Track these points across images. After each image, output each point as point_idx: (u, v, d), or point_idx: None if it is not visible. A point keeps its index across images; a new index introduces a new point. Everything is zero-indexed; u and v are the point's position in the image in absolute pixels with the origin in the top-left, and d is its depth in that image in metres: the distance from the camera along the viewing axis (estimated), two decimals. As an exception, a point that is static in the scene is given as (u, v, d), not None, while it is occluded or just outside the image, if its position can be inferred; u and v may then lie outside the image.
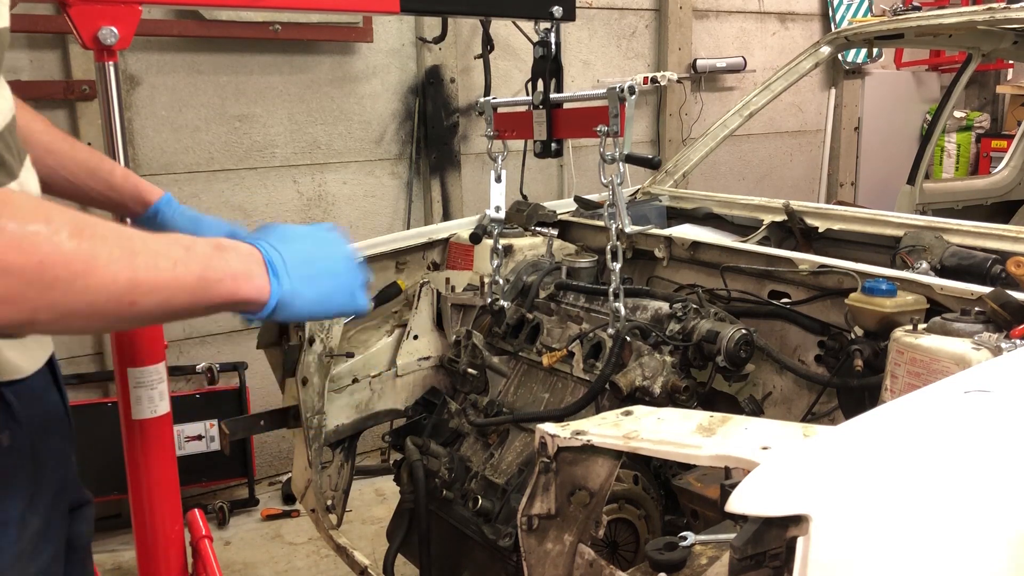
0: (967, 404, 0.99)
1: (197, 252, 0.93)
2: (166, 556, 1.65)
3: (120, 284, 0.84)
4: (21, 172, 1.05)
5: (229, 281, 0.94)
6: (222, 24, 3.41)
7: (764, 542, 0.82)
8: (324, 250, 1.09)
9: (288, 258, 1.02)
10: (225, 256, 0.95)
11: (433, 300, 2.38)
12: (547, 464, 1.14)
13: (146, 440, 1.60)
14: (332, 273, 1.08)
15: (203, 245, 0.95)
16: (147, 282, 0.87)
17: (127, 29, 1.47)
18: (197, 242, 0.95)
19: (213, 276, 0.93)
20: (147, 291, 0.87)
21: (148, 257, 0.87)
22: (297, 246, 1.05)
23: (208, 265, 0.93)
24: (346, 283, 1.10)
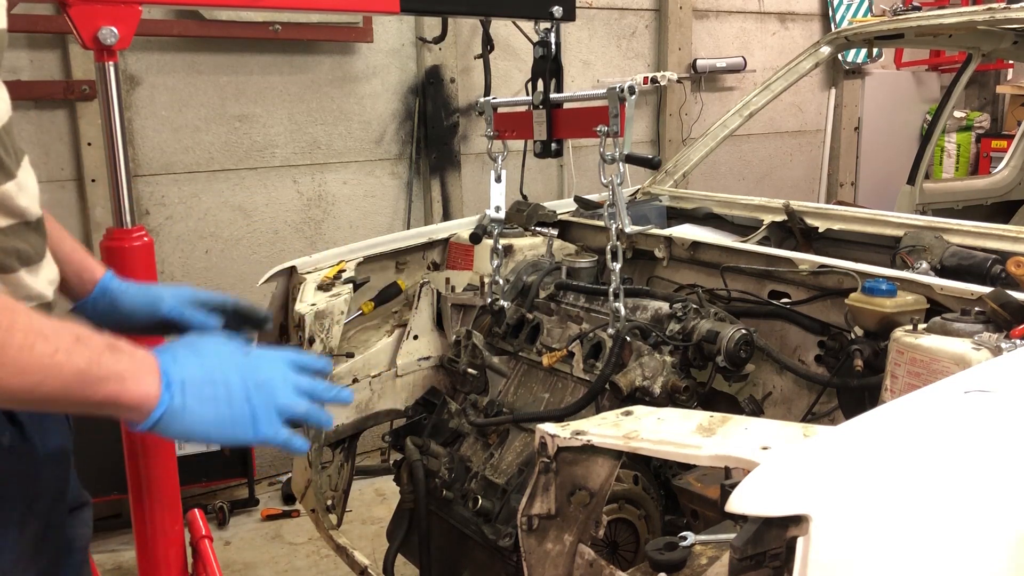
0: (967, 404, 0.99)
1: (87, 345, 0.90)
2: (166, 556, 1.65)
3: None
4: (19, 172, 1.05)
5: (113, 382, 0.91)
6: (222, 24, 3.41)
7: (764, 542, 0.82)
8: (236, 373, 1.02)
9: (187, 375, 0.97)
10: (117, 356, 0.92)
11: (433, 300, 2.39)
12: (547, 464, 1.14)
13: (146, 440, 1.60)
14: (237, 399, 1.00)
15: (98, 341, 0.91)
16: (16, 362, 0.83)
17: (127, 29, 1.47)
18: (93, 337, 0.91)
19: (96, 373, 0.89)
20: (14, 371, 0.84)
21: (27, 337, 0.84)
22: (206, 362, 1.00)
23: (94, 360, 0.89)
24: (249, 412, 1.01)
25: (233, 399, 1.00)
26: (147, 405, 0.93)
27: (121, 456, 1.62)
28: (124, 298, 1.34)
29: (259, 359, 1.05)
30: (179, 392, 0.96)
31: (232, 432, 1.00)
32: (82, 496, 1.26)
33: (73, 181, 3.31)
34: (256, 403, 1.01)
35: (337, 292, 2.17)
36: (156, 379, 0.94)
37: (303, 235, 3.85)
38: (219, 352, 1.03)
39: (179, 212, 3.54)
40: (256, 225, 3.74)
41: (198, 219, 3.59)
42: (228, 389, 1.00)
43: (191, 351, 1.01)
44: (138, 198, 3.41)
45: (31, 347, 0.84)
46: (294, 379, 1.07)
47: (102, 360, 0.90)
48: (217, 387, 0.99)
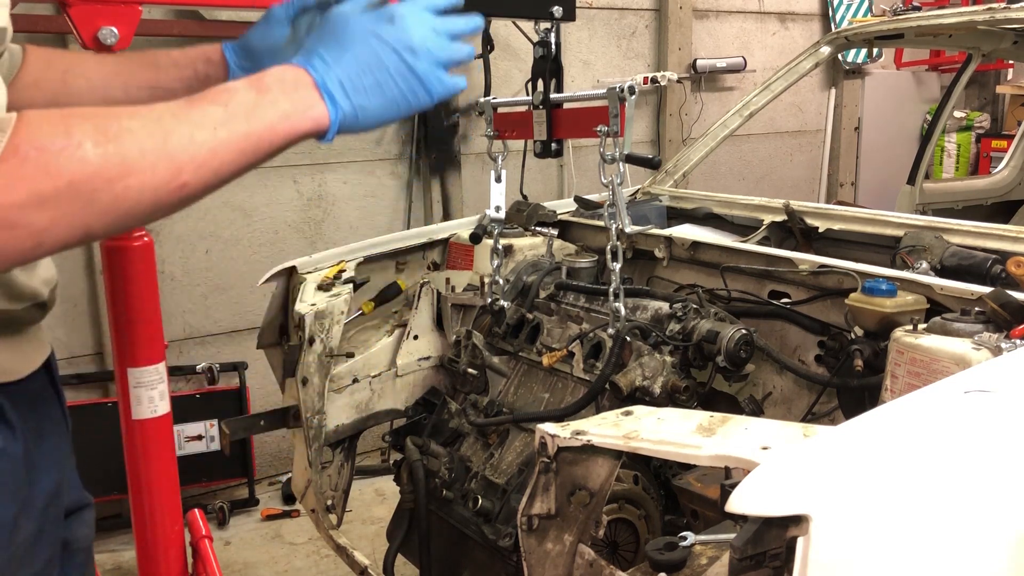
0: (967, 404, 0.99)
1: (237, 105, 0.89)
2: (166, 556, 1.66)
3: (162, 174, 0.82)
4: None
5: (282, 124, 0.91)
6: (222, 24, 3.42)
7: (764, 542, 0.82)
8: (385, 47, 0.99)
9: (343, 73, 0.96)
10: (270, 98, 0.91)
11: (433, 300, 2.38)
12: (547, 464, 1.14)
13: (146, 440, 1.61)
14: (402, 75, 0.99)
15: (243, 93, 0.90)
16: (190, 160, 0.84)
17: (127, 29, 1.47)
18: (236, 92, 0.90)
19: (262, 126, 0.89)
20: (194, 169, 0.84)
21: (183, 133, 0.84)
22: (354, 52, 0.98)
23: (253, 116, 0.89)
24: (417, 81, 1.00)
25: (398, 76, 0.99)
26: (321, 125, 0.94)
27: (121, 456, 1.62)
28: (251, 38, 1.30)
29: (403, 20, 1.02)
30: (343, 98, 0.95)
31: (410, 104, 1.01)
32: (83, 497, 1.26)
33: (73, 181, 3.30)
34: (420, 70, 1.01)
35: (337, 292, 2.17)
36: (317, 96, 0.94)
37: (303, 235, 3.85)
38: (361, 31, 1.00)
39: (179, 212, 3.54)
40: (256, 225, 3.74)
41: (198, 219, 3.59)
42: (388, 70, 0.99)
43: (334, 45, 0.98)
44: (138, 198, 3.41)
45: (192, 140, 0.84)
46: (441, 26, 1.05)
47: (258, 112, 0.89)
48: (377, 72, 0.98)
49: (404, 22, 1.02)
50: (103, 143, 0.79)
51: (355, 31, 1.00)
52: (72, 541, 1.19)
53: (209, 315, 3.68)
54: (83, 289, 3.38)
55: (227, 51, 1.31)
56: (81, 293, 3.38)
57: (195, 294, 3.64)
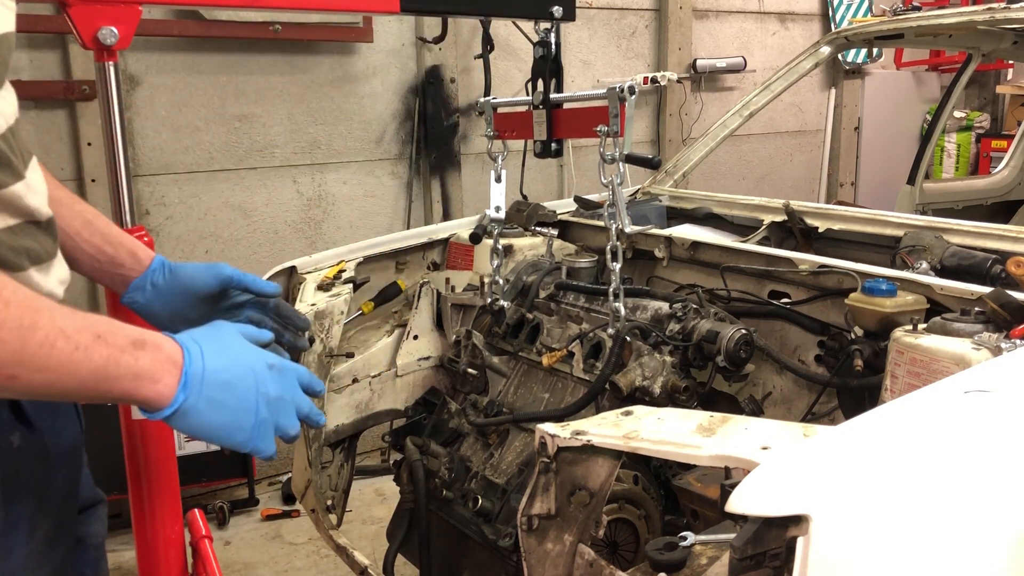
0: (967, 404, 0.99)
1: (108, 343, 0.90)
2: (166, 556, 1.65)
3: (5, 354, 0.82)
4: (27, 173, 1.05)
5: (129, 381, 0.92)
6: (222, 24, 3.41)
7: (764, 542, 0.82)
8: (255, 385, 1.03)
9: (210, 375, 0.99)
10: (138, 355, 0.93)
11: (433, 300, 2.38)
12: (547, 464, 1.14)
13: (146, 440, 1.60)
14: (247, 411, 1.03)
15: (121, 338, 0.92)
16: (35, 360, 0.84)
17: (127, 29, 1.47)
18: (117, 333, 0.92)
19: (113, 372, 0.91)
20: (33, 369, 0.85)
21: (48, 335, 0.85)
22: (232, 366, 1.01)
23: (113, 360, 0.90)
24: (255, 424, 1.04)
25: (244, 410, 1.02)
26: (160, 403, 0.96)
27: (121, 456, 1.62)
28: (183, 268, 1.36)
29: (280, 375, 1.07)
30: (195, 394, 0.97)
31: (229, 438, 1.02)
32: (96, 494, 1.27)
33: (73, 181, 3.30)
34: (262, 418, 1.04)
35: (337, 292, 2.17)
36: (175, 379, 0.96)
37: (303, 235, 3.85)
38: (247, 357, 1.05)
39: (179, 212, 3.54)
40: (256, 225, 3.74)
41: (198, 219, 3.59)
42: (243, 400, 1.02)
43: (221, 348, 1.02)
44: (138, 198, 3.41)
45: (52, 345, 0.85)
46: (299, 401, 1.10)
47: (121, 359, 0.91)
48: (233, 395, 1.01)
49: (279, 376, 1.07)
50: None
51: (242, 353, 1.05)
52: (86, 537, 1.21)
53: (209, 315, 3.68)
54: (83, 289, 3.38)
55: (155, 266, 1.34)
56: (81, 293, 3.38)
57: (195, 294, 3.63)
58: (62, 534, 1.10)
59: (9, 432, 1.01)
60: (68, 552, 1.13)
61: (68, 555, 1.13)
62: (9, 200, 1.00)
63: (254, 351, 1.07)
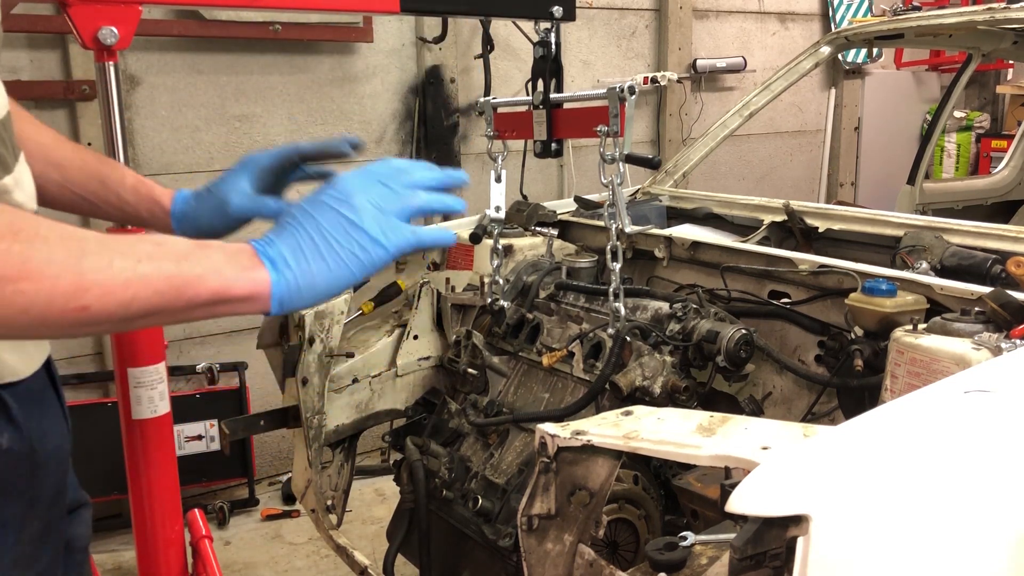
0: (967, 404, 0.99)
1: (171, 246, 0.85)
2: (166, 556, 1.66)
3: (63, 288, 0.77)
4: (16, 166, 1.05)
5: (213, 278, 0.85)
6: (222, 24, 3.41)
7: (764, 542, 0.82)
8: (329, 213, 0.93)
9: (286, 244, 0.91)
10: (207, 252, 0.87)
11: (433, 300, 2.38)
12: (547, 464, 1.14)
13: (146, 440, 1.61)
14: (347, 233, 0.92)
15: (182, 244, 0.86)
16: (99, 283, 0.79)
17: (127, 29, 1.47)
18: (176, 241, 0.87)
19: (190, 272, 0.84)
20: (100, 294, 0.79)
21: (102, 257, 0.80)
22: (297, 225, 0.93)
23: (184, 261, 0.84)
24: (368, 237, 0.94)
25: (340, 235, 0.93)
26: (261, 288, 0.88)
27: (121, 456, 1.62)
28: (199, 218, 1.32)
29: (343, 180, 0.97)
30: (284, 264, 0.90)
31: (363, 263, 0.93)
32: (81, 497, 1.26)
33: (73, 181, 3.30)
34: (368, 223, 0.94)
35: (337, 292, 2.16)
36: (257, 261, 0.89)
37: (303, 235, 3.84)
38: (301, 211, 0.95)
39: (179, 212, 3.54)
40: (256, 225, 3.73)
41: (198, 219, 3.59)
42: (331, 231, 0.92)
43: (276, 229, 0.94)
44: (138, 198, 3.41)
45: (109, 265, 0.80)
46: (396, 179, 0.98)
47: (192, 259, 0.85)
48: (320, 235, 0.92)
49: (344, 181, 0.97)
50: (10, 240, 0.75)
51: (295, 214, 0.95)
52: (72, 540, 1.20)
53: (209, 315, 3.68)
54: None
55: (178, 200, 1.31)
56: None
57: (195, 294, 3.63)
58: (50, 536, 1.09)
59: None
60: (56, 555, 1.12)
61: (55, 558, 1.12)
62: None
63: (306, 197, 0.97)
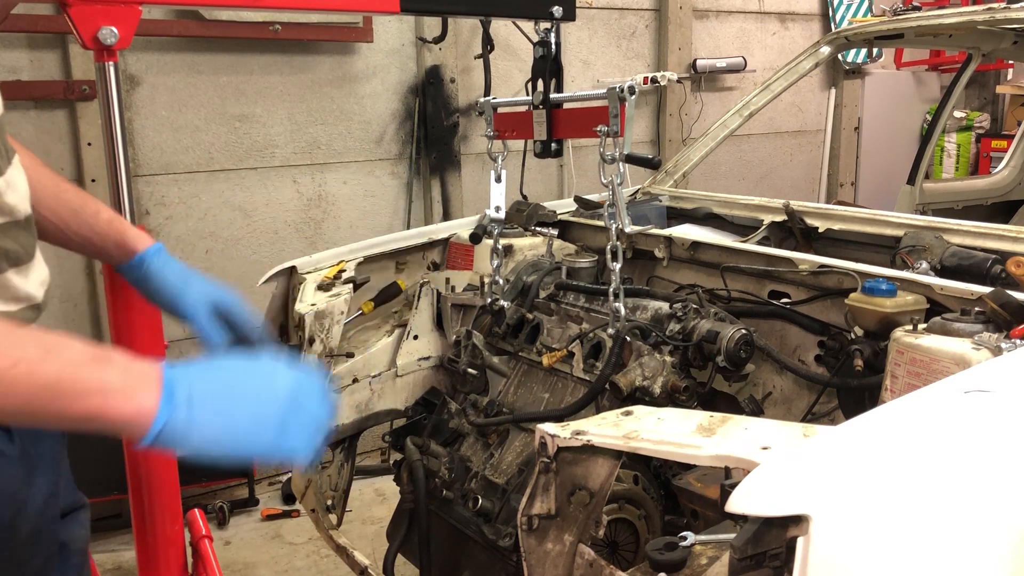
0: (967, 404, 0.99)
1: (60, 357, 0.82)
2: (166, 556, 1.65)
3: None
4: (8, 170, 1.05)
5: (95, 396, 0.82)
6: (222, 24, 3.41)
7: (764, 542, 0.82)
8: (259, 379, 0.92)
9: (201, 384, 0.88)
10: (102, 368, 0.84)
11: (433, 300, 2.38)
12: (547, 464, 1.14)
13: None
14: (259, 405, 0.90)
15: (77, 353, 0.83)
16: None
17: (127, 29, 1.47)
18: (72, 348, 0.83)
19: (69, 387, 0.81)
20: None
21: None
22: (224, 374, 0.91)
23: (68, 374, 0.81)
24: (277, 420, 0.91)
25: (257, 408, 0.91)
26: (142, 420, 0.85)
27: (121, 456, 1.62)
28: (153, 281, 1.35)
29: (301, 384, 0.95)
30: (184, 405, 0.87)
31: (256, 446, 0.91)
32: (78, 499, 1.26)
33: (73, 181, 3.28)
34: (289, 417, 0.92)
35: (337, 292, 2.17)
36: (155, 393, 0.86)
37: (303, 235, 3.85)
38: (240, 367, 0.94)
39: (179, 212, 3.54)
40: (256, 225, 3.73)
41: (198, 219, 3.59)
42: (251, 397, 0.91)
43: (211, 365, 0.93)
44: (138, 198, 3.41)
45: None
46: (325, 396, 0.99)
47: (79, 373, 0.82)
48: (235, 392, 0.90)
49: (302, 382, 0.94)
50: None
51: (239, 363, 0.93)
52: (68, 542, 1.20)
53: (209, 315, 3.68)
54: (83, 289, 3.38)
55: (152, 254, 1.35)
56: (81, 293, 3.38)
57: (195, 294, 3.63)
58: (43, 538, 1.09)
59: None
60: (49, 557, 1.12)
61: (49, 560, 1.12)
62: None
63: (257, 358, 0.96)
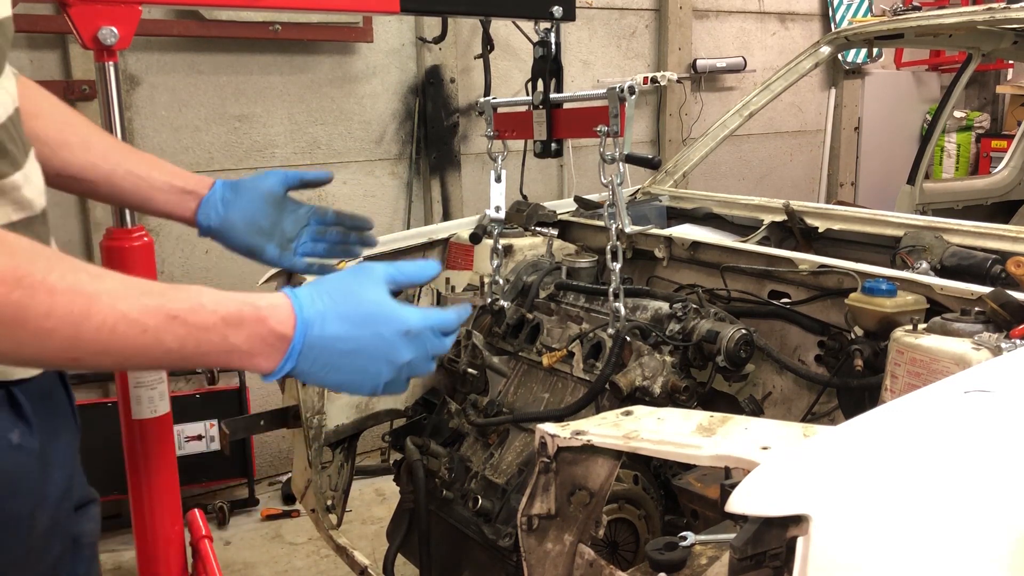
0: (967, 404, 0.99)
1: (187, 323, 0.86)
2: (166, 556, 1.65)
3: (56, 342, 0.80)
4: (26, 164, 1.06)
5: (217, 357, 0.88)
6: (222, 24, 3.42)
7: (764, 542, 0.82)
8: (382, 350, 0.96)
9: (326, 344, 0.93)
10: (229, 333, 0.88)
11: (433, 300, 2.38)
12: (547, 464, 1.14)
13: (146, 440, 1.60)
14: (367, 374, 0.97)
15: (208, 315, 0.87)
16: (95, 344, 0.81)
17: (127, 29, 1.47)
18: (201, 310, 0.87)
19: (193, 352, 0.87)
20: (94, 352, 0.82)
21: (104, 319, 0.81)
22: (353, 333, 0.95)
23: (192, 340, 0.86)
24: (377, 385, 0.99)
25: (365, 375, 0.97)
26: (261, 370, 0.92)
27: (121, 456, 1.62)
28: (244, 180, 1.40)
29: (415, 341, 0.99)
30: (306, 361, 0.93)
31: (352, 391, 0.99)
32: (89, 493, 1.27)
33: (73, 181, 3.30)
34: (389, 379, 0.99)
35: (337, 292, 2.16)
36: (280, 353, 0.91)
37: (303, 235, 3.85)
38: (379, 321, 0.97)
39: (179, 212, 3.54)
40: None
41: (198, 219, 3.59)
42: (365, 367, 0.96)
43: (349, 310, 0.95)
44: (138, 198, 3.41)
45: (111, 330, 0.82)
46: (435, 347, 1.03)
47: (204, 339, 0.87)
48: (354, 362, 0.95)
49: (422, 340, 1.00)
50: (10, 283, 0.77)
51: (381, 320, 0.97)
52: (81, 535, 1.21)
53: (209, 315, 3.68)
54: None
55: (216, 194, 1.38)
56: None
57: (195, 294, 3.64)
58: (58, 532, 1.11)
59: (8, 429, 1.01)
60: (63, 551, 1.13)
61: (63, 554, 1.13)
62: (7, 191, 1.00)
63: (391, 312, 0.98)
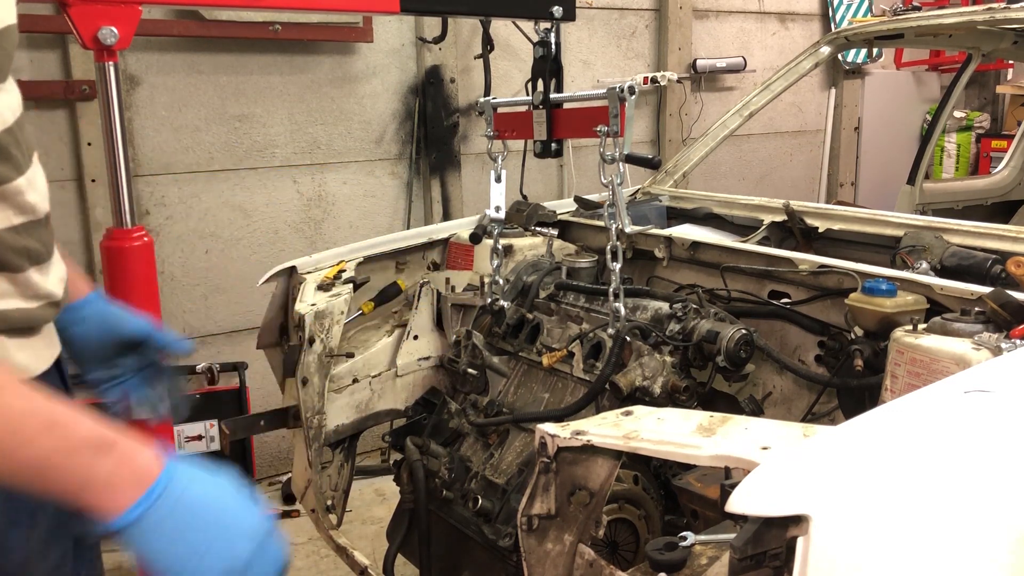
0: (967, 404, 0.99)
1: (59, 436, 0.82)
2: (166, 556, 1.65)
3: None
4: (29, 169, 1.06)
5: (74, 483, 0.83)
6: (222, 24, 3.41)
7: (764, 542, 0.82)
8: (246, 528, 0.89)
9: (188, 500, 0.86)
10: (96, 459, 0.83)
11: (433, 300, 2.38)
12: (547, 464, 1.14)
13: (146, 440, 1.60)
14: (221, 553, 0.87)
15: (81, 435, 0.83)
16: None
17: (127, 29, 1.47)
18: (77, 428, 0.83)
19: (55, 468, 0.82)
20: None
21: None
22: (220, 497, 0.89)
23: (60, 455, 0.82)
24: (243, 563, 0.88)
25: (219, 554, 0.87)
26: (109, 511, 0.85)
27: (121, 456, 1.62)
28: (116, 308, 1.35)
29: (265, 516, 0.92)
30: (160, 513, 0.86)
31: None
32: None
33: (73, 181, 3.30)
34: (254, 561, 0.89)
35: (337, 292, 2.17)
36: (138, 493, 0.85)
37: (303, 235, 3.85)
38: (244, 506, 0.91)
39: (179, 212, 3.54)
40: (256, 225, 3.73)
41: (198, 219, 3.59)
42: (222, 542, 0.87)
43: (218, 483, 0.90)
44: (138, 198, 3.41)
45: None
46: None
47: (72, 458, 0.83)
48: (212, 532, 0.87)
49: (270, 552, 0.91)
50: None
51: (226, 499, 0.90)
52: (82, 536, 1.21)
53: (209, 315, 3.68)
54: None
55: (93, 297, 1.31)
56: (81, 293, 3.38)
57: (195, 294, 3.63)
58: (60, 533, 1.11)
59: None
60: (66, 551, 1.13)
61: (66, 554, 1.13)
62: (10, 195, 1.00)
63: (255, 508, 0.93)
